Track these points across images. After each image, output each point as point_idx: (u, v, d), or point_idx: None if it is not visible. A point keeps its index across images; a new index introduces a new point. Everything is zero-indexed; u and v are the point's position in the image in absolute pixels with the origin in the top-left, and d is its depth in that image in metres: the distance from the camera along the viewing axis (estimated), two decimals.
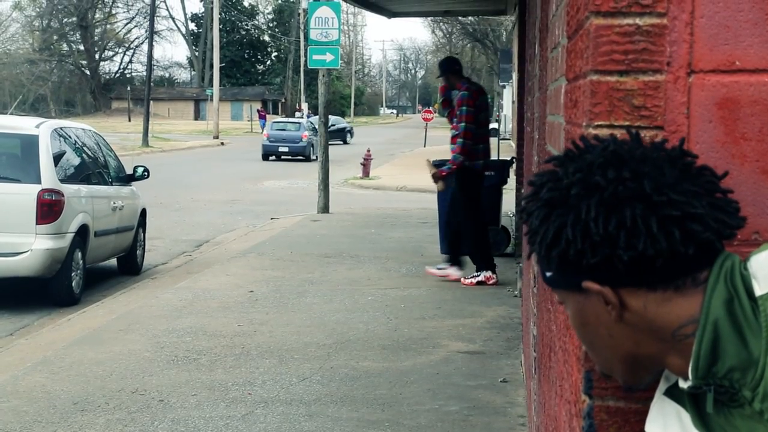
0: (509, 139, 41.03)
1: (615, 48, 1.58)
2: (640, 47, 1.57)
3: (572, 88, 1.96)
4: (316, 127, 20.14)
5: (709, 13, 1.57)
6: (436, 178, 9.68)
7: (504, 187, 12.35)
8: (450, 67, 9.95)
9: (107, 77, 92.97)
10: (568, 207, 1.38)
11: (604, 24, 1.58)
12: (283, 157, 38.22)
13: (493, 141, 32.35)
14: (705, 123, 1.58)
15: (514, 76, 26.71)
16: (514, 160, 12.80)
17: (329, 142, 17.58)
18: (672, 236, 1.33)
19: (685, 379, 1.37)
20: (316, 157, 17.97)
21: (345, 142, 53.79)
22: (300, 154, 37.82)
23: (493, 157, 18.23)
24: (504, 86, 58.94)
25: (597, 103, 1.59)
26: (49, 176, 9.29)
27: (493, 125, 53.82)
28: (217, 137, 55.21)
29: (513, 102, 29.02)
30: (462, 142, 9.48)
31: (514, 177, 12.42)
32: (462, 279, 9.75)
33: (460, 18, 54.46)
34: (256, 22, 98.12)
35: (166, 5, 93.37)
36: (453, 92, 10.00)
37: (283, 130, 38.86)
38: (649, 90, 1.58)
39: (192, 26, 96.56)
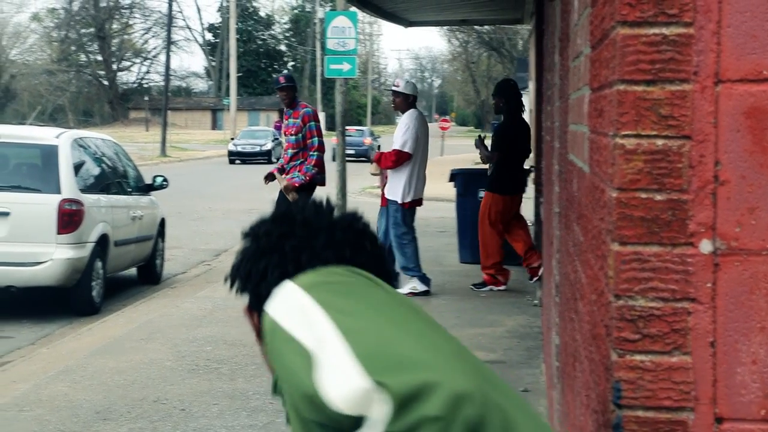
0: None
1: (641, 57, 1.58)
2: (666, 57, 1.58)
3: (597, 97, 1.96)
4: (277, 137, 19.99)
5: (735, 22, 1.57)
6: (288, 189, 9.90)
7: (522, 195, 12.32)
8: (296, 84, 10.40)
9: (125, 87, 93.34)
10: (243, 251, 1.90)
11: (630, 34, 1.59)
12: (347, 159, 40.51)
13: None
14: (732, 132, 1.58)
15: (531, 84, 26.67)
16: (531, 168, 12.78)
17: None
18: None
19: None
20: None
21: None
22: (363, 156, 42.11)
23: None
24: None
25: (624, 112, 1.60)
26: (69, 186, 9.34)
27: None
28: None
29: (530, 111, 28.95)
30: (317, 155, 9.93)
31: (533, 186, 12.40)
32: None
33: (476, 27, 54.51)
34: (273, 32, 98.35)
35: (183, 16, 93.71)
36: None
37: (350, 136, 43.34)
38: (676, 99, 1.58)
39: (209, 36, 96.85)
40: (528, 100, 44.86)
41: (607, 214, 1.70)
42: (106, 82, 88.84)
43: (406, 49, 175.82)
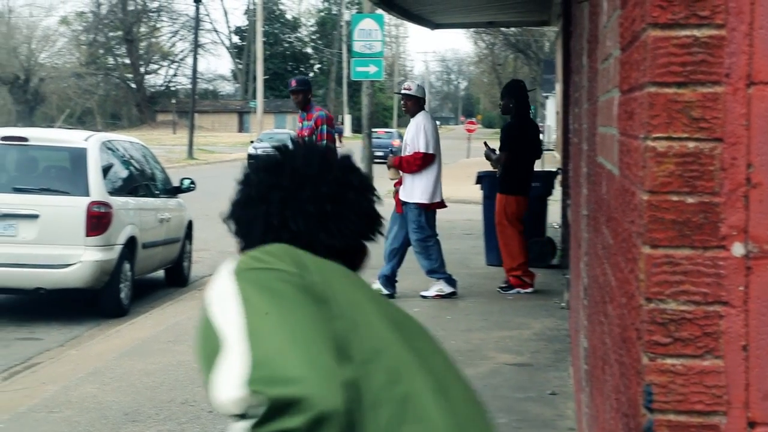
0: (553, 150, 40.80)
1: (673, 60, 1.58)
2: (698, 59, 1.57)
3: (627, 99, 1.95)
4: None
5: None
6: None
7: (549, 198, 12.31)
8: (310, 87, 10.41)
9: (152, 90, 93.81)
10: (238, 193, 2.00)
11: (661, 36, 1.58)
12: (376, 160, 41.18)
13: None
14: (765, 134, 1.56)
15: (558, 86, 26.59)
16: (559, 171, 12.75)
17: None
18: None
19: None
20: None
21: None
22: None
23: (537, 168, 18.23)
24: (547, 97, 58.72)
25: (655, 115, 1.59)
26: (97, 189, 9.40)
27: None
28: None
29: (557, 113, 28.86)
30: None
31: (560, 188, 12.37)
32: None
33: (502, 29, 54.40)
34: (299, 35, 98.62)
35: (210, 18, 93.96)
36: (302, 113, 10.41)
37: (379, 138, 44.23)
38: (707, 102, 1.57)
39: (236, 39, 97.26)
40: (554, 102, 44.76)
41: (638, 217, 1.69)
42: (133, 85, 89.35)
43: (432, 51, 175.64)
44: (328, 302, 1.68)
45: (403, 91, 9.98)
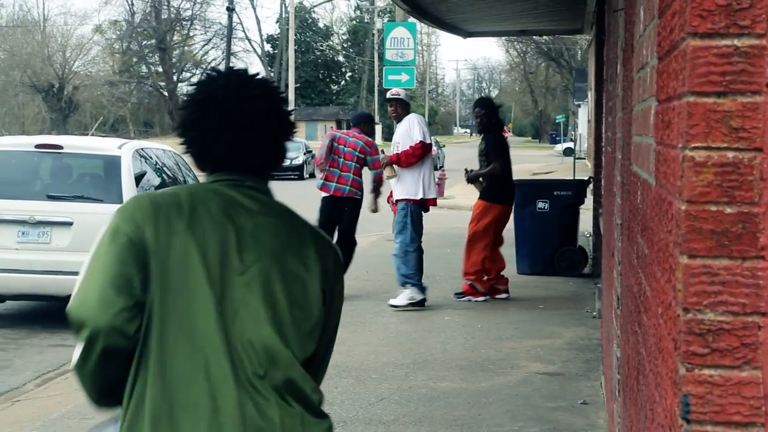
0: (584, 159, 40.65)
1: (712, 69, 1.57)
2: (738, 68, 1.56)
3: (664, 108, 1.94)
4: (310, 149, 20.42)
5: None
6: None
7: (580, 206, 12.26)
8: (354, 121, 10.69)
9: (185, 98, 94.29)
10: (181, 112, 2.47)
11: (701, 45, 1.57)
12: None
13: (568, 160, 31.89)
14: None
15: (590, 95, 26.50)
16: (591, 179, 12.70)
17: None
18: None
19: None
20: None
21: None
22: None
23: (569, 176, 18.18)
24: (579, 105, 58.53)
25: (694, 124, 1.58)
26: (130, 196, 9.45)
27: (568, 144, 53.73)
28: None
29: (588, 121, 28.83)
30: None
31: (592, 197, 12.33)
32: None
33: (534, 37, 54.33)
34: (331, 43, 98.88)
35: (243, 27, 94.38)
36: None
37: None
38: (747, 111, 1.56)
39: (267, 47, 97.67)
40: (586, 111, 44.59)
41: (675, 227, 1.68)
42: (166, 93, 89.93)
43: (464, 60, 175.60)
44: (145, 251, 2.23)
45: (392, 96, 10.08)
